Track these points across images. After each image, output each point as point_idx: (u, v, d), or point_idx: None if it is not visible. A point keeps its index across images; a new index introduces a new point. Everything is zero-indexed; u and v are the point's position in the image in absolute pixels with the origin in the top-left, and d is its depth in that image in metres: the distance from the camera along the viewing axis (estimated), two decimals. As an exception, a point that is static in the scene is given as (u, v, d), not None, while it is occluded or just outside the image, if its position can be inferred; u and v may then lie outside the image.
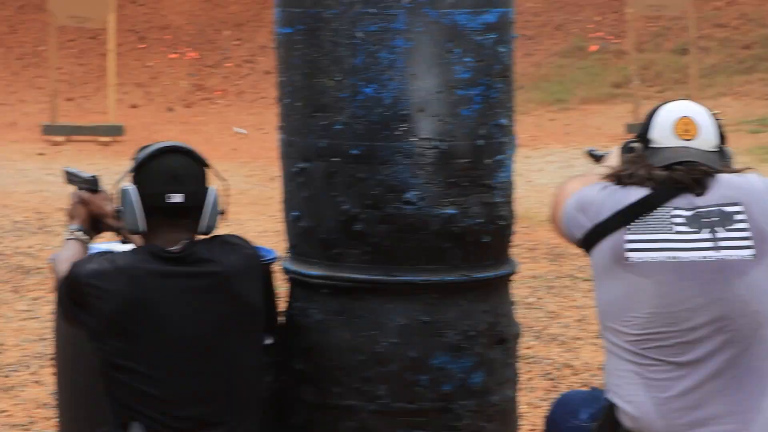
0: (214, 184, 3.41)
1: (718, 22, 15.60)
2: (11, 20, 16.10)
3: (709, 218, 3.15)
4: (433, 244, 3.47)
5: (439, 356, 3.48)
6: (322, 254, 3.52)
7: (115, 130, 12.80)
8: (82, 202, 3.59)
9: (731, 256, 3.12)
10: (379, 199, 3.45)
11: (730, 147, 3.31)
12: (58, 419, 3.96)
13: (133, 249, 3.37)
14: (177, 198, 3.30)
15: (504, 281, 3.62)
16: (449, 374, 3.48)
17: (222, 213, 3.41)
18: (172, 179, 3.31)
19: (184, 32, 16.01)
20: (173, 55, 15.68)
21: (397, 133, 3.42)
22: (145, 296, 3.27)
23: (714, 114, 3.30)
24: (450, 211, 3.47)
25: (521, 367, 3.74)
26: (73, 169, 3.72)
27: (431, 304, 3.49)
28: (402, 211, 3.44)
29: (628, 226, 3.16)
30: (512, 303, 3.68)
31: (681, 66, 14.71)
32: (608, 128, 13.23)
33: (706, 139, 3.23)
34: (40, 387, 5.43)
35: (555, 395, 5.36)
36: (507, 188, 3.56)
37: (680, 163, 3.20)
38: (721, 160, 3.24)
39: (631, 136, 3.32)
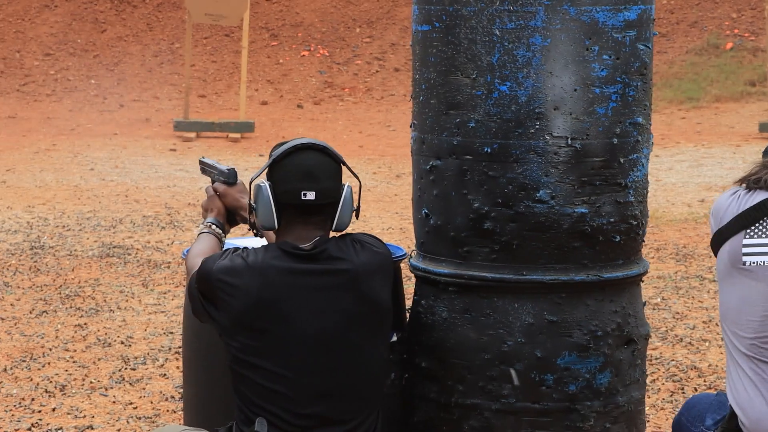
0: (348, 182, 3.41)
1: None
2: (149, 18, 16.41)
3: None
4: (563, 243, 3.44)
5: (565, 356, 3.45)
6: (450, 252, 3.51)
7: (245, 127, 12.96)
8: (218, 194, 3.61)
9: None
10: (510, 197, 3.42)
11: None
12: (183, 412, 4.00)
13: (265, 246, 3.38)
14: (310, 195, 3.31)
15: (634, 281, 3.57)
16: (575, 374, 3.45)
17: (356, 210, 3.42)
18: (306, 176, 3.31)
19: (315, 29, 16.15)
20: (304, 53, 15.83)
21: (531, 131, 3.40)
22: (274, 293, 3.28)
23: None
24: (582, 210, 3.43)
25: (647, 368, 3.70)
26: (210, 160, 3.73)
27: (559, 303, 3.46)
28: (533, 209, 3.42)
29: (747, 230, 3.12)
30: (643, 303, 3.63)
31: (819, 64, 14.37)
32: (741, 127, 13.01)
33: None
34: (166, 380, 5.51)
35: (680, 397, 5.30)
36: (641, 187, 3.52)
37: None
38: None
39: (762, 135, 3.27)
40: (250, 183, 3.42)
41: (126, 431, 4.98)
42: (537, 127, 3.39)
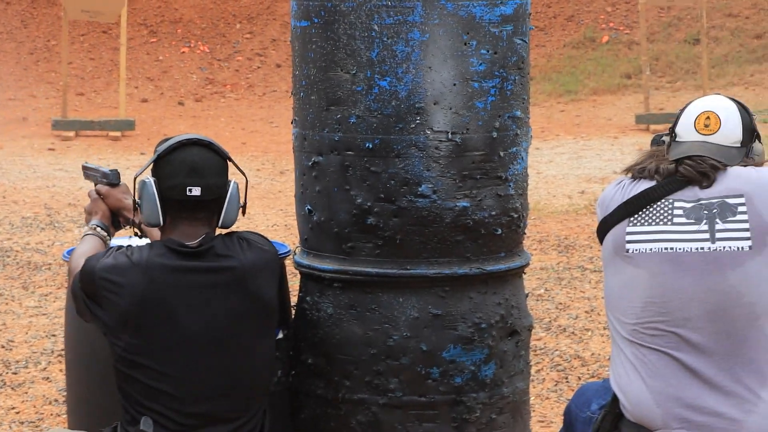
0: (234, 178, 3.40)
1: (729, 11, 15.56)
2: (23, 15, 16.11)
3: (709, 210, 3.18)
4: (445, 237, 3.46)
5: (450, 349, 3.48)
6: (334, 248, 3.52)
7: (126, 125, 12.81)
8: (101, 196, 3.58)
9: (727, 247, 3.14)
10: (392, 192, 3.44)
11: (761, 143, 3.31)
12: (67, 416, 3.95)
13: (150, 243, 3.35)
14: (196, 191, 3.29)
15: (517, 273, 3.61)
16: (460, 367, 3.48)
17: (243, 207, 3.40)
18: (192, 172, 3.29)
19: (195, 26, 16.02)
20: (184, 49, 15.70)
21: (411, 126, 3.41)
22: (160, 292, 3.26)
23: (744, 110, 3.29)
24: (463, 203, 3.46)
25: (531, 358, 3.74)
26: (92, 164, 3.70)
27: (443, 297, 3.48)
28: (415, 204, 3.44)
29: (631, 219, 3.19)
30: (525, 295, 3.68)
31: (692, 56, 14.68)
32: (618, 119, 13.23)
33: (726, 135, 3.25)
34: (50, 383, 5.43)
35: (564, 386, 5.38)
36: (521, 180, 3.56)
37: (691, 157, 3.21)
38: (743, 155, 3.25)
39: (639, 127, 3.35)
40: (134, 179, 3.39)
41: (8, 437, 4.90)
42: (417, 122, 3.41)
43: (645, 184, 3.23)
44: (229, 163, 3.38)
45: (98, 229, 3.53)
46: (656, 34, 15.19)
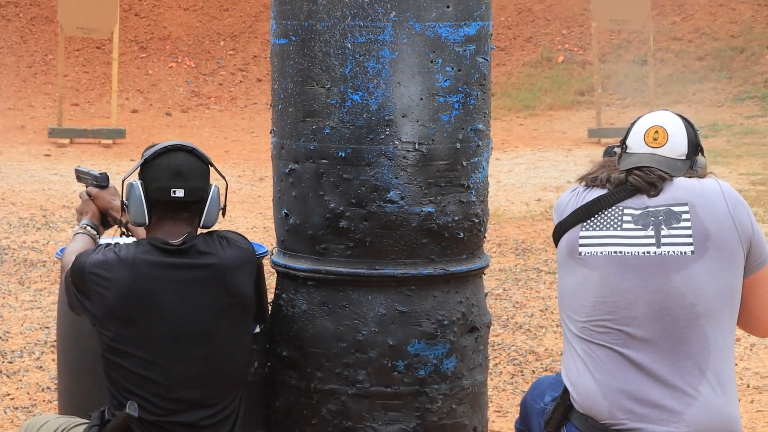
0: (215, 183, 3.39)
1: (674, 35, 15.64)
2: (22, 31, 16.02)
3: (656, 217, 3.17)
4: (412, 240, 3.45)
5: (415, 344, 3.47)
6: (308, 249, 3.50)
7: (117, 133, 12.75)
8: (92, 197, 3.57)
9: (671, 251, 3.14)
10: (363, 198, 3.43)
11: (703, 157, 3.32)
12: (58, 402, 3.93)
13: (137, 241, 3.34)
14: (179, 193, 3.28)
15: (477, 274, 3.61)
16: (424, 360, 3.47)
17: (223, 209, 3.39)
18: (176, 175, 3.29)
19: (182, 42, 15.97)
20: (172, 64, 15.64)
21: (381, 137, 3.41)
22: (145, 285, 3.25)
23: (689, 125, 3.30)
24: (428, 209, 3.45)
25: (489, 353, 3.74)
26: (84, 168, 3.70)
27: (409, 295, 3.47)
28: (384, 209, 3.43)
29: (584, 224, 3.20)
30: (485, 294, 3.67)
31: (640, 75, 14.74)
32: (572, 133, 13.26)
33: (673, 148, 3.25)
34: (42, 372, 5.39)
35: (519, 379, 5.38)
36: (482, 188, 3.56)
37: (640, 168, 3.22)
38: (688, 167, 3.26)
39: (591, 140, 3.35)
40: (123, 182, 3.38)
41: (3, 421, 4.86)
42: (387, 133, 3.41)
43: (597, 192, 3.24)
44: (211, 169, 3.38)
45: (88, 228, 3.53)
46: (607, 55, 15.25)
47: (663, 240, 3.15)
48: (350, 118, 3.41)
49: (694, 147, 3.28)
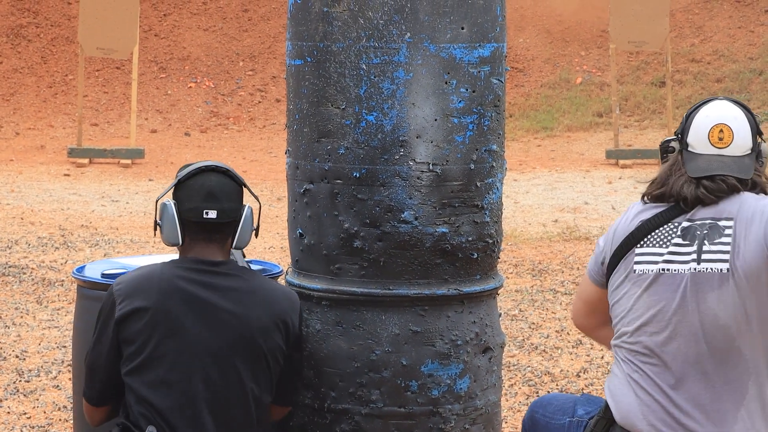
0: (248, 203, 3.40)
1: (692, 57, 15.63)
2: (43, 51, 16.12)
3: (701, 231, 3.10)
4: (425, 260, 3.46)
5: (428, 363, 3.47)
6: (323, 269, 3.51)
7: (136, 153, 12.81)
8: None
9: (709, 269, 3.07)
10: (377, 218, 3.44)
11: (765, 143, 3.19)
12: (73, 421, 3.94)
13: (170, 261, 3.35)
14: (212, 214, 3.29)
15: (491, 294, 3.61)
16: (437, 380, 3.47)
17: (256, 230, 3.40)
18: (208, 196, 3.30)
19: (201, 63, 16.04)
20: (191, 84, 15.70)
21: (396, 157, 3.42)
22: (168, 305, 3.25)
23: (749, 114, 3.16)
24: (442, 229, 3.46)
25: (504, 374, 3.73)
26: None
27: (422, 315, 3.48)
28: (398, 229, 3.44)
29: (641, 242, 3.14)
30: (498, 314, 3.67)
31: (658, 97, 14.73)
32: (590, 154, 13.25)
33: (739, 145, 3.14)
34: (59, 391, 5.40)
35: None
36: (496, 209, 3.56)
37: (712, 178, 3.10)
38: (754, 160, 3.15)
39: (609, 162, 3.30)
40: (156, 201, 3.39)
41: (19, 440, 4.87)
42: (401, 153, 3.42)
43: (657, 209, 3.15)
44: (244, 189, 3.39)
45: None
46: (626, 76, 15.25)
47: (703, 256, 3.07)
48: (365, 138, 3.42)
49: (757, 134, 3.16)
